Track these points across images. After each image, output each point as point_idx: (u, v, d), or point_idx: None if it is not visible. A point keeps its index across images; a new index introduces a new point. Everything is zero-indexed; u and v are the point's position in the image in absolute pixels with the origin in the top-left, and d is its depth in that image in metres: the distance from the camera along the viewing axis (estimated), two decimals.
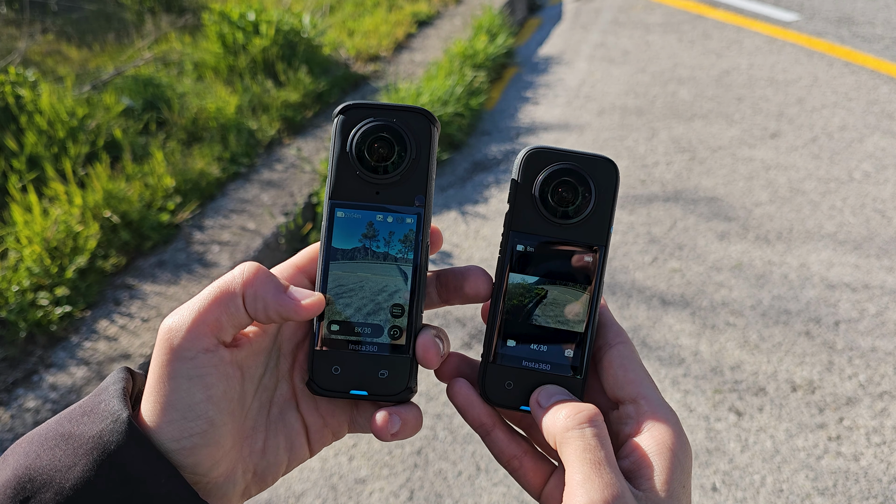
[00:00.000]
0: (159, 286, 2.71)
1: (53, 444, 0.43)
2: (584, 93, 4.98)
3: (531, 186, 0.56)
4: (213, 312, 0.47)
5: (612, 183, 0.56)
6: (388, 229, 0.55)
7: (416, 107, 0.55)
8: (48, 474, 0.41)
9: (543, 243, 0.56)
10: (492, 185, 3.78)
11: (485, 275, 0.56)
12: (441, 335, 0.55)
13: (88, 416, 0.44)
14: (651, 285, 2.93)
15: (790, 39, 5.71)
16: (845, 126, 4.21)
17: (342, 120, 0.55)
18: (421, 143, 0.55)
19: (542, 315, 0.56)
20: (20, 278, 2.48)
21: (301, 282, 0.54)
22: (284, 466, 0.54)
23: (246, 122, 3.85)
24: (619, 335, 0.55)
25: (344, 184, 0.55)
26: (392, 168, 0.55)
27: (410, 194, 0.55)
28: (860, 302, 2.77)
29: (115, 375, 0.48)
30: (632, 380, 0.52)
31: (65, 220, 2.71)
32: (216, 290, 0.48)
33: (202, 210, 3.21)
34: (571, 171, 0.55)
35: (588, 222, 0.56)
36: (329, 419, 0.56)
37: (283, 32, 4.59)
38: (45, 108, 3.24)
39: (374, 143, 0.54)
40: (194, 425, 0.45)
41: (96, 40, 4.80)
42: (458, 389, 0.56)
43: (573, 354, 0.55)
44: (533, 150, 0.56)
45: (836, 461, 2.13)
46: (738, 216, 3.38)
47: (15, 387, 2.23)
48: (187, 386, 0.45)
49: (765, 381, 2.43)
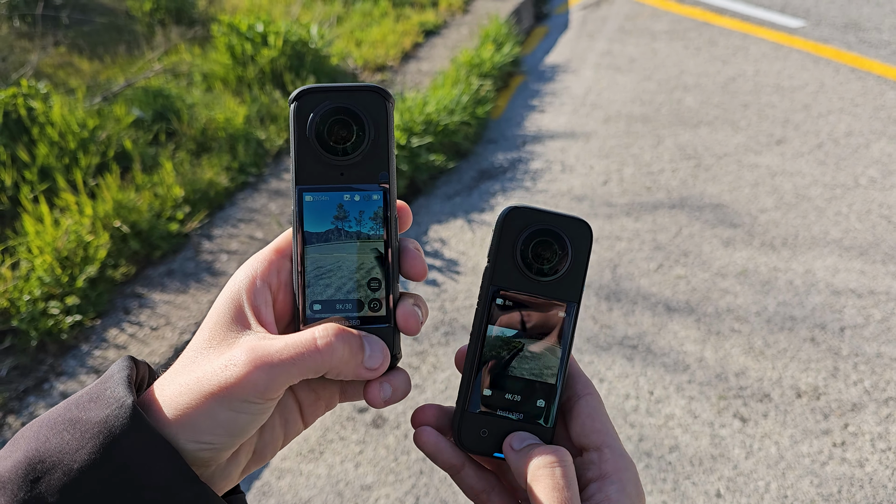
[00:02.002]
0: (168, 295, 2.74)
1: (62, 429, 0.45)
2: (590, 101, 5.00)
3: (511, 244, 0.58)
4: (295, 371, 0.49)
5: (586, 243, 0.59)
6: (357, 208, 0.56)
7: (369, 84, 0.56)
8: (57, 456, 0.43)
9: (521, 298, 0.58)
10: (498, 194, 3.80)
11: (419, 256, 0.58)
12: (419, 303, 0.57)
13: (94, 402, 0.46)
14: (656, 292, 2.94)
15: (796, 46, 5.71)
16: (851, 132, 4.21)
17: (298, 106, 0.55)
18: (378, 120, 0.56)
19: (517, 367, 0.58)
20: (31, 287, 2.51)
21: (282, 265, 0.56)
22: (281, 442, 0.57)
23: (254, 132, 3.89)
24: (588, 387, 0.58)
25: (308, 168, 0.56)
26: (353, 149, 0.56)
27: (374, 172, 0.56)
28: (866, 308, 2.77)
29: (119, 364, 0.50)
30: (598, 429, 0.55)
31: (75, 230, 2.75)
32: (311, 351, 0.49)
33: (211, 219, 3.24)
34: (550, 232, 0.58)
35: (563, 280, 0.58)
36: (321, 392, 0.58)
37: (292, 43, 4.63)
38: (57, 119, 3.29)
39: (332, 126, 0.55)
40: (214, 441, 0.48)
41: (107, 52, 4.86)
42: (425, 438, 0.58)
43: (545, 404, 0.58)
44: (514, 209, 0.58)
45: (840, 467, 2.13)
46: (744, 223, 3.39)
47: (26, 394, 2.27)
48: (227, 416, 0.47)
49: (769, 387, 2.43)
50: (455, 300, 2.95)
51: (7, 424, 2.15)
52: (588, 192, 3.77)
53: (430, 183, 3.93)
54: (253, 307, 0.53)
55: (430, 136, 3.99)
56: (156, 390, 0.49)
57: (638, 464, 2.18)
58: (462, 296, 2.97)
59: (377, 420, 2.37)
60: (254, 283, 0.53)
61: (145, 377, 0.53)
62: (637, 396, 2.43)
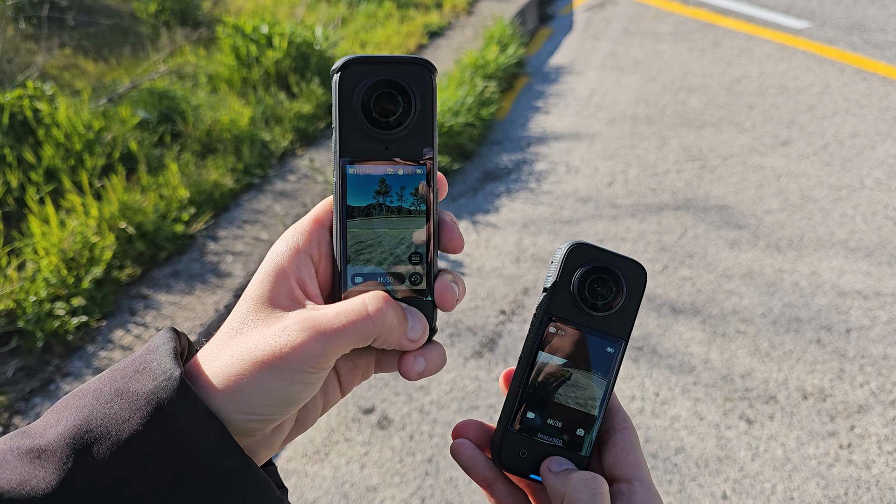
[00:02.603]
0: (174, 296, 2.74)
1: (109, 399, 0.45)
2: (594, 102, 5.00)
3: (571, 277, 0.60)
4: (349, 339, 0.49)
5: (641, 285, 0.61)
6: (399, 183, 0.56)
7: (415, 57, 0.55)
8: (105, 426, 0.44)
9: (574, 330, 0.60)
10: (503, 195, 3.80)
11: (456, 229, 0.58)
12: (457, 280, 0.58)
13: (141, 373, 0.46)
14: (661, 293, 2.93)
15: (801, 47, 5.70)
16: (857, 133, 4.20)
17: (342, 76, 0.54)
18: (424, 94, 0.55)
19: (562, 394, 0.60)
20: (37, 289, 2.52)
21: (322, 236, 0.55)
22: (321, 410, 0.57)
23: (259, 134, 3.90)
24: (625, 421, 0.60)
25: (352, 142, 0.55)
26: (398, 122, 0.55)
27: (419, 146, 0.56)
28: (872, 309, 2.76)
29: (164, 335, 0.50)
30: (631, 462, 0.57)
31: (81, 231, 2.75)
32: (363, 318, 0.50)
33: (216, 221, 3.25)
34: (608, 270, 0.60)
35: (615, 317, 0.61)
36: (358, 361, 0.58)
37: (296, 45, 4.64)
38: (63, 121, 3.30)
39: (379, 99, 0.54)
40: (265, 412, 0.48)
41: (112, 54, 4.87)
42: (462, 451, 0.59)
43: (584, 433, 0.60)
44: (578, 245, 0.61)
45: (847, 469, 2.13)
46: (749, 224, 3.38)
47: (32, 395, 2.27)
48: (279, 386, 0.47)
49: (775, 388, 2.43)
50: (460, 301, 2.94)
51: (13, 425, 2.16)
52: (593, 194, 3.76)
53: None
54: (298, 279, 0.53)
55: None
56: (202, 361, 0.49)
57: None
58: (467, 297, 2.97)
59: (382, 421, 2.37)
60: (296, 255, 0.53)
61: (186, 348, 0.53)
62: (643, 398, 2.43)
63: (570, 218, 3.55)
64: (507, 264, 3.19)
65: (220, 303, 2.70)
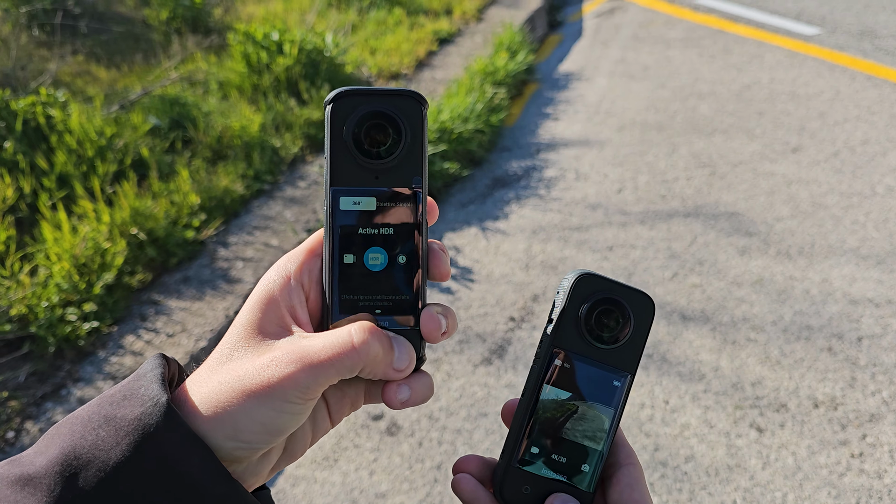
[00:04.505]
0: (184, 302, 2.76)
1: (97, 426, 0.46)
2: (604, 108, 5.00)
3: (577, 308, 0.59)
4: (334, 370, 0.50)
5: (648, 317, 0.60)
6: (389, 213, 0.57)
7: (405, 90, 0.56)
8: (92, 453, 0.44)
9: (580, 363, 0.59)
10: (512, 202, 3.80)
11: (444, 257, 0.59)
12: (446, 313, 0.57)
13: (128, 399, 0.47)
14: (671, 301, 2.92)
15: (812, 53, 5.69)
16: (868, 140, 4.19)
17: (334, 108, 0.55)
18: (414, 125, 0.56)
19: (568, 429, 0.59)
20: (49, 294, 2.54)
21: (314, 264, 0.56)
22: (309, 440, 0.58)
23: (269, 140, 3.91)
24: (630, 456, 0.59)
25: (343, 170, 0.56)
26: (388, 153, 0.56)
27: (409, 176, 0.56)
28: (884, 317, 2.74)
29: (152, 361, 0.51)
30: (636, 500, 0.56)
31: (93, 237, 2.77)
32: (348, 349, 0.50)
33: (226, 227, 3.26)
34: (615, 301, 0.59)
35: (622, 350, 0.59)
36: (347, 391, 0.58)
37: (307, 51, 4.66)
38: (75, 127, 3.32)
39: (370, 130, 0.55)
40: (252, 439, 0.48)
41: (124, 61, 4.91)
42: (464, 486, 0.59)
43: (589, 469, 0.59)
44: (585, 276, 0.60)
45: (858, 479, 2.11)
46: (759, 231, 3.37)
47: (44, 400, 2.29)
48: (266, 415, 0.48)
49: (786, 397, 2.42)
50: (469, 308, 2.95)
51: (25, 430, 2.17)
52: (602, 201, 3.76)
53: (445, 191, 3.94)
54: (288, 307, 0.53)
55: (444, 144, 4.00)
56: (190, 388, 0.50)
57: (653, 474, 2.17)
58: (476, 304, 2.97)
59: (391, 428, 2.38)
60: (287, 283, 0.54)
61: (175, 374, 0.54)
62: (652, 406, 2.42)
63: (580, 225, 3.54)
64: (516, 271, 3.19)
65: (230, 308, 2.71)
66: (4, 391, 2.29)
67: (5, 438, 2.14)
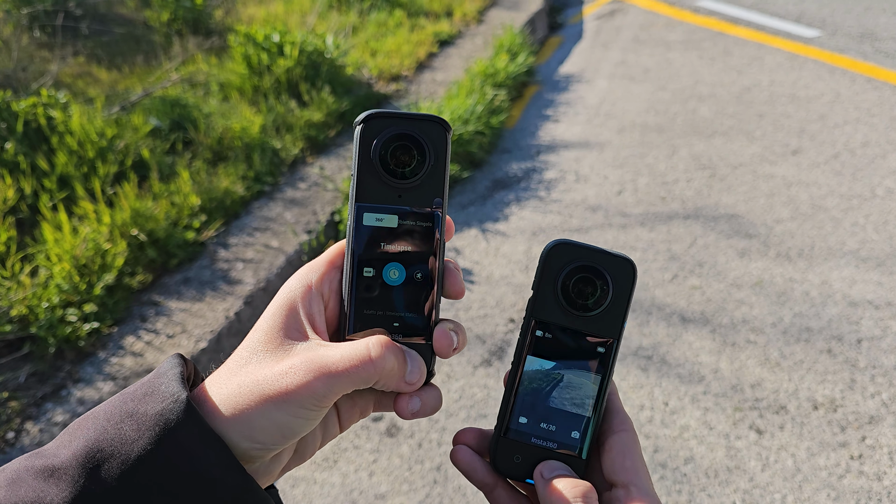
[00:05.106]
0: (185, 303, 2.76)
1: (119, 420, 0.48)
2: (604, 110, 5.00)
3: (554, 278, 0.60)
4: (350, 381, 0.52)
5: (629, 282, 0.60)
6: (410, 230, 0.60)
7: (432, 115, 0.59)
8: (115, 446, 0.47)
9: (562, 331, 0.60)
10: (512, 203, 3.81)
11: (458, 275, 0.61)
12: (458, 329, 0.60)
13: (150, 396, 0.49)
14: (671, 302, 2.93)
15: (812, 56, 5.69)
16: (868, 142, 4.19)
17: (364, 128, 0.59)
18: (438, 149, 0.59)
19: (554, 397, 0.60)
20: (50, 295, 2.54)
21: (334, 275, 0.59)
22: (319, 443, 0.60)
23: (270, 142, 3.92)
24: (624, 423, 0.59)
25: (368, 188, 0.59)
26: (412, 173, 0.59)
27: (430, 196, 0.60)
28: (883, 319, 2.75)
29: (171, 361, 0.53)
30: (627, 467, 0.56)
31: (93, 238, 2.78)
32: (365, 362, 0.52)
33: (227, 228, 3.27)
34: (592, 269, 0.59)
35: (604, 316, 0.60)
36: (357, 399, 0.61)
37: (307, 53, 4.67)
38: (76, 128, 3.33)
39: (396, 151, 0.58)
40: (267, 441, 0.51)
41: (125, 62, 4.92)
42: (461, 456, 0.61)
43: (579, 435, 0.60)
44: (558, 244, 0.60)
45: (858, 480, 2.11)
46: (759, 233, 3.37)
47: (44, 401, 2.29)
48: (282, 419, 0.50)
49: (786, 399, 2.42)
50: (469, 309, 2.95)
51: (25, 430, 2.17)
52: (602, 203, 3.76)
53: None
54: (308, 315, 0.56)
55: None
56: (210, 388, 0.52)
57: (653, 475, 2.17)
58: (476, 305, 2.97)
59: (391, 429, 2.38)
60: (308, 292, 0.57)
61: (192, 374, 0.56)
62: (652, 407, 2.42)
63: (580, 226, 3.55)
64: (516, 272, 3.20)
65: (230, 310, 2.71)
66: (4, 392, 2.29)
67: (5, 439, 2.14)
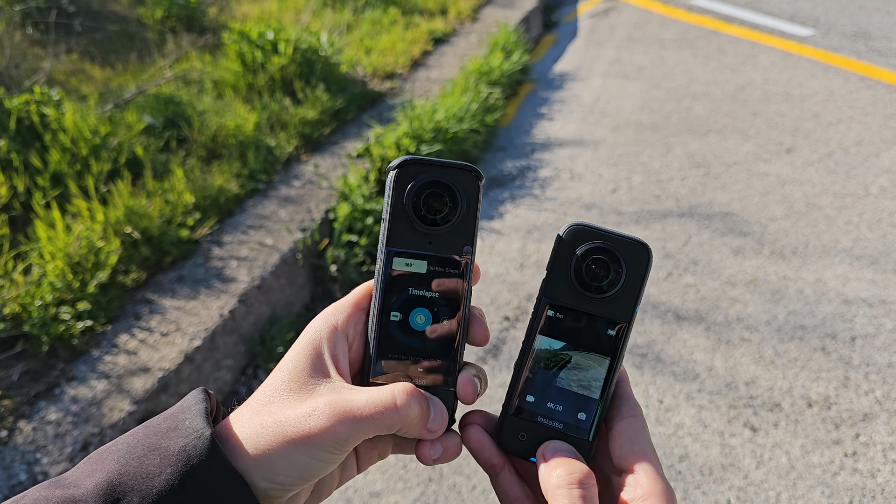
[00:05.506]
0: (179, 301, 2.75)
1: (142, 454, 0.48)
2: (598, 109, 5.00)
3: (568, 259, 0.60)
4: (373, 427, 0.52)
5: (643, 266, 0.60)
6: (437, 276, 0.60)
7: (465, 164, 0.59)
8: (136, 480, 0.47)
9: (573, 313, 0.60)
10: (507, 201, 3.81)
11: (484, 323, 0.62)
12: (480, 374, 0.61)
13: (174, 431, 0.49)
14: (665, 300, 2.93)
15: (806, 54, 5.71)
16: (861, 141, 4.20)
17: (398, 174, 0.59)
18: (470, 197, 0.59)
19: (562, 378, 0.60)
20: (43, 293, 2.53)
21: (359, 318, 0.60)
22: (336, 483, 0.60)
23: (264, 140, 3.91)
24: (633, 409, 0.59)
25: (399, 233, 0.59)
26: (444, 220, 0.59)
27: (460, 244, 0.60)
28: (877, 317, 2.76)
29: (195, 395, 0.54)
30: (637, 452, 0.56)
31: (87, 235, 2.76)
32: (390, 409, 0.53)
33: (221, 226, 3.26)
34: (606, 251, 0.59)
35: (616, 299, 0.60)
36: (377, 442, 0.61)
37: (301, 51, 4.65)
38: (69, 126, 3.31)
39: (429, 198, 0.59)
40: (287, 482, 0.51)
41: (119, 60, 4.90)
42: (471, 434, 0.62)
43: (585, 417, 0.60)
44: (574, 226, 0.60)
45: (852, 478, 2.12)
46: (754, 231, 3.38)
47: (37, 399, 2.28)
48: (304, 461, 0.51)
49: (780, 396, 2.42)
50: None
51: (18, 429, 2.16)
52: (597, 200, 3.77)
53: None
54: (332, 356, 0.56)
55: (439, 144, 4.00)
56: (234, 425, 0.52)
57: None
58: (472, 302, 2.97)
59: None
60: (334, 332, 0.57)
61: (215, 409, 0.56)
62: (646, 405, 2.42)
63: None
64: (510, 270, 3.20)
65: (224, 308, 2.71)
66: None
67: None
